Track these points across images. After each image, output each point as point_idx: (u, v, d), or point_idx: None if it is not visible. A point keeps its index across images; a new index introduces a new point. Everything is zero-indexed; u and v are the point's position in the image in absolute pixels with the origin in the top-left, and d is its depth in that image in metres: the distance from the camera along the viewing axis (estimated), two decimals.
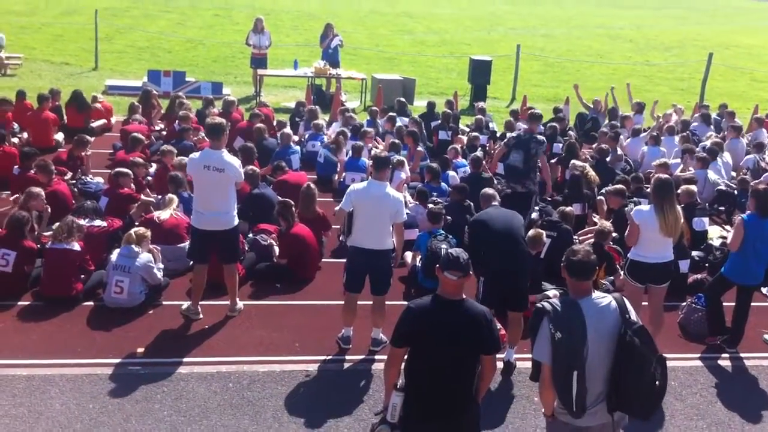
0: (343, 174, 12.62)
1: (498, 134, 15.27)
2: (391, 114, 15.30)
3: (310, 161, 13.39)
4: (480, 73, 20.64)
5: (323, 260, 9.76)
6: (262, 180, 10.97)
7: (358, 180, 12.27)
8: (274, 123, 14.80)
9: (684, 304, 8.94)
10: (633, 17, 52.60)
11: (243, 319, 8.14)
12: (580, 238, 10.23)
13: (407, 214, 10.39)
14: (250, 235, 9.73)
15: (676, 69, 28.83)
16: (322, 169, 13.15)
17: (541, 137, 11.16)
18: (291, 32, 31.86)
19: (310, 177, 12.28)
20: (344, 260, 7.88)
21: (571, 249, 4.87)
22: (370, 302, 7.70)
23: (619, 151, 13.92)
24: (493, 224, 7.47)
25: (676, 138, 14.56)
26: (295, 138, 13.96)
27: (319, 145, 13.55)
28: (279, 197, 10.13)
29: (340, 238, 9.94)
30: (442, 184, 11.84)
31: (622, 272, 8.51)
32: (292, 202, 9.57)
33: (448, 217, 10.17)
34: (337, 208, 7.81)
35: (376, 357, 7.49)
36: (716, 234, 11.10)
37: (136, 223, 9.21)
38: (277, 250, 9.46)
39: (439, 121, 15.13)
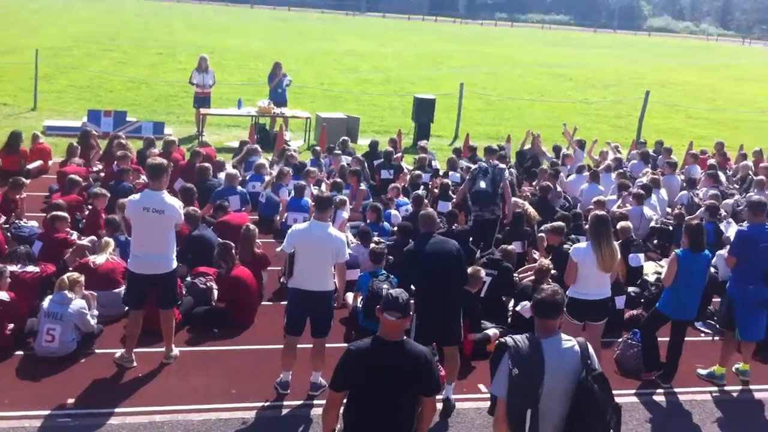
0: (285, 214, 12.55)
1: (441, 172, 15.39)
2: (336, 152, 15.34)
3: (252, 202, 13.28)
4: (423, 112, 20.82)
5: (263, 303, 9.64)
6: (203, 221, 10.83)
7: (300, 220, 12.19)
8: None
9: (620, 340, 9.05)
10: (574, 56, 53.92)
11: (178, 366, 7.96)
12: (520, 276, 10.31)
13: (349, 254, 10.39)
14: (188, 279, 9.57)
15: (615, 106, 29.51)
16: (263, 209, 13.06)
17: (502, 165, 11.90)
18: (236, 71, 31.84)
19: (252, 218, 12.20)
20: (285, 302, 7.82)
21: (540, 288, 4.97)
22: (310, 345, 7.62)
23: (559, 188, 14.14)
24: (426, 255, 7.44)
25: (613, 175, 14.85)
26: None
27: (260, 186, 13.48)
28: (219, 239, 10.00)
29: (281, 279, 9.87)
30: (385, 223, 11.86)
31: None
32: (232, 244, 9.47)
33: (390, 257, 10.17)
34: (278, 249, 7.76)
35: (315, 402, 7.39)
36: (651, 270, 11.29)
37: (70, 269, 9.01)
38: (216, 293, 9.32)
39: (382, 160, 15.20)
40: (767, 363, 9.04)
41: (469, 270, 8.85)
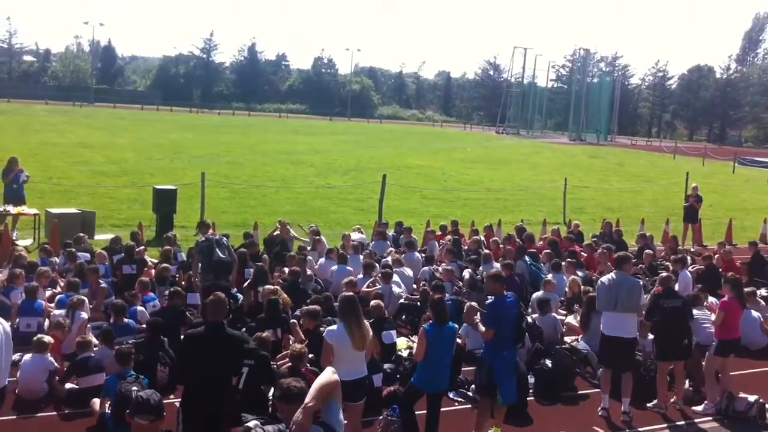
0: (17, 319, 11.44)
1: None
2: (70, 249, 14.35)
3: None
4: (165, 203, 20.21)
5: None
6: None
7: (34, 325, 11.24)
8: None
9: (381, 417, 9.14)
10: (313, 143, 55.65)
11: None
12: (278, 363, 10.14)
13: (91, 356, 9.68)
14: None
15: (355, 190, 30.60)
16: None
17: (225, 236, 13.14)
18: None
19: None
20: None
21: (280, 381, 4.96)
22: None
23: (309, 272, 14.26)
24: (205, 344, 7.45)
25: (361, 256, 15.26)
26: None
27: None
28: None
29: None
30: (129, 320, 11.21)
31: None
32: None
33: (141, 356, 9.61)
34: None
35: None
36: (404, 345, 11.63)
37: None
38: None
39: (122, 255, 14.44)
40: (518, 426, 9.55)
41: None
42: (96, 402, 8.90)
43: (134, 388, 8.38)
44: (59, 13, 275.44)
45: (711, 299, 12.55)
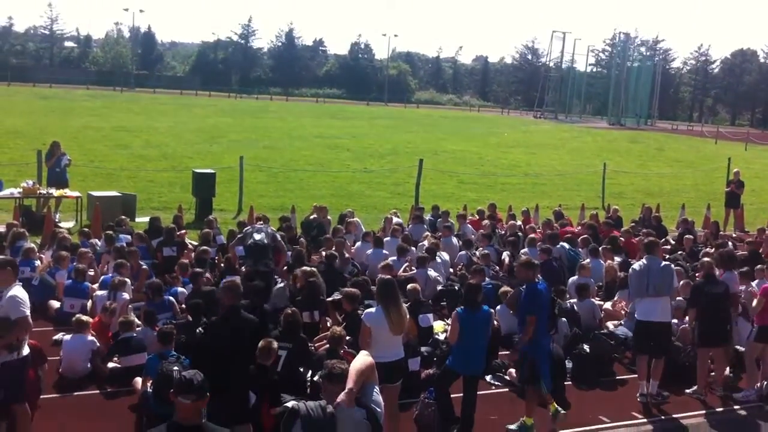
0: (63, 299, 11.70)
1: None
2: (108, 232, 14.53)
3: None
4: (204, 186, 20.44)
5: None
6: None
7: (78, 306, 11.43)
8: None
9: (419, 400, 9.19)
10: (348, 127, 55.69)
11: None
12: (316, 345, 10.23)
13: (134, 336, 9.84)
14: None
15: (392, 174, 30.63)
16: (37, 294, 11.97)
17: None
18: None
19: None
20: None
21: (325, 362, 5.03)
22: None
23: (347, 255, 14.31)
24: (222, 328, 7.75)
25: (399, 239, 15.27)
26: None
27: (30, 271, 12.45)
28: None
29: None
30: (167, 297, 11.34)
31: None
32: None
33: (183, 336, 9.75)
34: None
35: None
36: (441, 328, 11.65)
37: None
38: None
39: (163, 237, 14.61)
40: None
41: (262, 343, 8.64)
42: (138, 381, 9.06)
43: (175, 368, 8.53)
44: None
45: (753, 284, 12.34)
